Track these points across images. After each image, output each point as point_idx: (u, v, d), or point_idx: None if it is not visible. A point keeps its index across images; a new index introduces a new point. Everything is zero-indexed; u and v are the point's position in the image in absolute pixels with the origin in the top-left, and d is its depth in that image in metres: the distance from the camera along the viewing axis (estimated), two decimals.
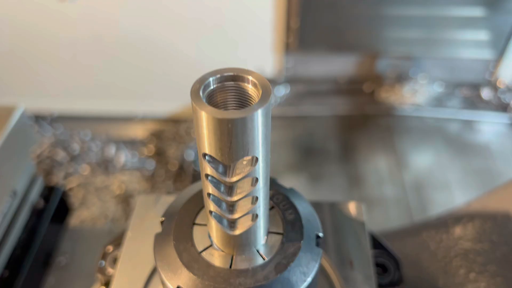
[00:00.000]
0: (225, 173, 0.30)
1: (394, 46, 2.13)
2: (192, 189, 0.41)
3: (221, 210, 0.33)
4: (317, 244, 0.38)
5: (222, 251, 0.37)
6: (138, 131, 2.32)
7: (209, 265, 0.36)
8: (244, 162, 0.30)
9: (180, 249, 0.37)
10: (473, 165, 1.95)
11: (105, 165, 2.19)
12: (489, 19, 2.02)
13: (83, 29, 2.10)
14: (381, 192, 1.87)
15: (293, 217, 0.39)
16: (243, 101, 0.29)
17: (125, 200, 2.00)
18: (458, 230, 0.76)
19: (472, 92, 2.24)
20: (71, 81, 2.28)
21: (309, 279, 0.36)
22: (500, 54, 2.13)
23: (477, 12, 2.00)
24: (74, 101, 2.36)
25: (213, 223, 0.35)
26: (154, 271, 0.50)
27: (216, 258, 0.36)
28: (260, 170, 0.31)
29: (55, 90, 2.30)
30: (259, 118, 0.27)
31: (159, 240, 0.38)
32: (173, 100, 2.25)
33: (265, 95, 0.28)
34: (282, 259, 0.36)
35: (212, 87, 0.29)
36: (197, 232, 0.38)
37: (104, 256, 0.58)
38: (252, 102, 0.28)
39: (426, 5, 1.99)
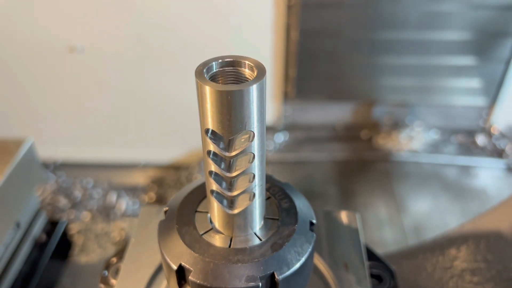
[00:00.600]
0: (225, 148, 0.34)
1: (389, 94, 2.21)
2: (193, 184, 0.45)
3: (221, 188, 0.36)
4: (311, 230, 0.41)
5: (222, 233, 0.39)
6: (140, 178, 2.35)
7: (209, 245, 0.38)
8: (242, 140, 0.34)
9: (182, 232, 0.39)
10: (471, 209, 1.97)
11: (106, 212, 2.20)
12: (480, 67, 2.11)
13: (89, 78, 2.19)
14: (380, 236, 1.87)
15: (288, 205, 0.42)
16: (240, 82, 0.33)
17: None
18: (453, 251, 0.77)
19: (467, 138, 2.30)
20: (75, 129, 2.34)
21: (303, 259, 0.38)
22: (493, 101, 2.20)
23: (468, 61, 2.09)
24: (78, 148, 2.41)
25: (214, 204, 0.38)
26: (156, 273, 0.52)
27: (216, 240, 0.39)
28: (256, 146, 0.34)
29: (59, 138, 2.36)
30: (254, 92, 0.31)
31: (163, 226, 0.41)
32: (174, 147, 2.30)
33: (260, 75, 0.32)
34: (278, 240, 0.39)
35: (214, 70, 0.33)
36: (198, 218, 0.41)
37: (107, 267, 0.60)
38: None
39: (419, 54, 2.09)
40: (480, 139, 2.28)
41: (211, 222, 0.41)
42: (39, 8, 2.01)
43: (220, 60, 0.33)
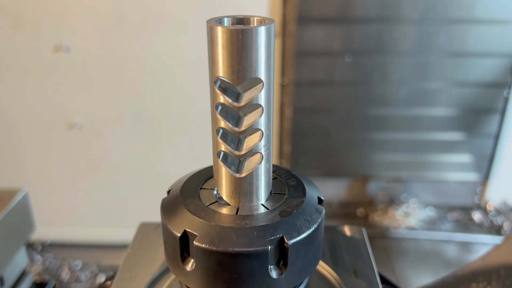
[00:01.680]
0: (234, 99, 0.34)
1: (383, 170, 2.23)
2: (197, 169, 0.44)
3: (229, 147, 0.36)
4: (319, 203, 0.39)
5: (228, 204, 0.38)
6: None
7: (215, 212, 0.37)
8: (251, 90, 0.34)
9: (186, 203, 0.38)
10: None
11: None
12: (469, 143, 2.16)
13: (84, 157, 2.20)
14: None
15: (295, 183, 0.41)
16: None
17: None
18: None
19: (464, 215, 2.28)
20: (66, 208, 2.30)
21: (313, 227, 0.36)
22: (485, 177, 2.22)
23: (457, 136, 2.15)
24: (68, 228, 2.35)
25: (221, 169, 0.37)
26: (153, 282, 0.49)
27: (222, 209, 0.37)
28: (264, 99, 0.34)
29: (49, 217, 2.31)
30: (262, 34, 0.32)
31: (166, 201, 0.40)
32: None
33: (269, 22, 0.33)
34: (286, 208, 0.37)
35: (225, 24, 0.35)
36: (203, 193, 0.40)
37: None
38: None
39: (410, 130, 2.15)
40: (477, 216, 2.27)
41: (216, 195, 0.39)
42: (40, 85, 2.08)
43: (231, 17, 0.35)
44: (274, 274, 0.35)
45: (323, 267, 0.51)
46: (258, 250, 0.34)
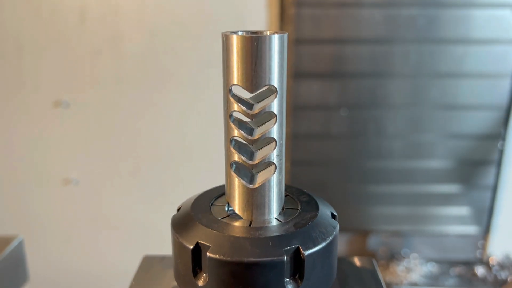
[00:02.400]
0: (248, 107, 0.34)
1: (383, 224, 2.20)
2: (206, 190, 0.43)
3: (242, 157, 0.35)
4: (333, 218, 0.39)
5: (241, 218, 0.37)
6: None
7: (228, 225, 0.36)
8: (265, 98, 0.35)
9: (198, 217, 0.37)
10: None
11: None
12: (467, 195, 2.16)
13: (80, 213, 2.17)
14: None
15: (307, 199, 0.40)
16: None
17: None
18: None
19: (467, 270, 2.23)
20: (57, 264, 2.24)
21: (329, 239, 0.36)
22: (486, 230, 2.20)
23: (454, 189, 2.15)
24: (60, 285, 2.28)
25: (234, 180, 0.37)
26: None
27: (235, 222, 0.37)
28: (277, 107, 0.35)
29: (41, 274, 2.24)
30: (276, 42, 0.33)
31: (176, 217, 0.39)
32: None
33: (282, 33, 0.34)
34: (301, 221, 0.37)
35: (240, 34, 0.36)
36: (215, 209, 0.39)
37: None
38: None
39: (408, 182, 2.14)
40: (480, 271, 2.22)
41: (228, 211, 0.39)
42: (36, 141, 2.09)
43: (245, 31, 0.36)
44: (290, 287, 0.34)
45: None
46: (274, 260, 0.33)
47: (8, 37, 2.02)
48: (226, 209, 0.39)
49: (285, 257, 0.33)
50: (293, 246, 0.34)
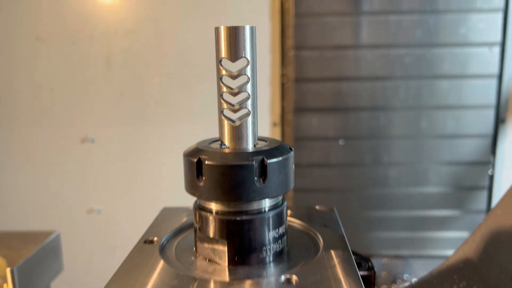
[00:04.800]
0: (231, 72, 0.55)
1: (383, 249, 2.33)
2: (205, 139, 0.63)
3: (228, 105, 0.55)
4: (290, 149, 0.58)
5: (228, 147, 0.57)
6: None
7: (220, 150, 0.55)
8: (242, 65, 0.55)
9: (201, 147, 0.57)
10: None
11: None
12: (463, 219, 2.29)
13: (98, 241, 2.35)
14: None
15: (276, 141, 0.60)
16: None
17: None
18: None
19: None
20: None
21: (285, 156, 0.55)
22: None
23: (451, 213, 2.29)
24: None
25: (224, 122, 0.56)
26: (176, 231, 0.65)
27: (225, 149, 0.56)
28: (250, 71, 0.55)
29: None
30: (248, 30, 0.54)
31: (186, 151, 0.58)
32: None
33: (252, 26, 0.55)
34: (267, 148, 0.56)
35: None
36: (212, 145, 0.59)
37: None
38: None
39: (406, 208, 2.29)
40: None
41: (221, 146, 0.58)
42: (66, 172, 2.31)
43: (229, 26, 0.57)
44: (257, 183, 0.52)
45: (300, 224, 0.67)
46: (247, 164, 0.52)
47: (42, 81, 2.28)
48: (219, 146, 0.58)
49: (254, 163, 0.52)
50: (260, 157, 0.53)
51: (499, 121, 2.19)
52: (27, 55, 2.24)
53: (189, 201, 0.59)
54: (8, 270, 0.97)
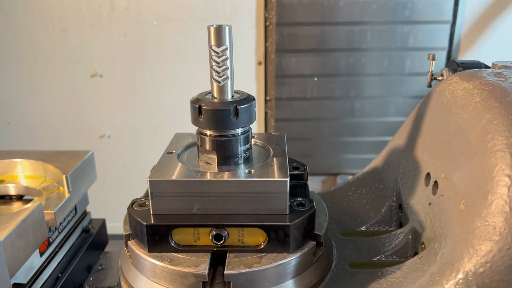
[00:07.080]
0: (217, 54, 0.93)
1: (350, 167, 2.79)
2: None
3: (216, 73, 0.94)
4: (253, 99, 0.97)
5: (216, 98, 0.96)
6: None
7: (212, 99, 0.95)
8: (224, 50, 0.93)
9: (200, 97, 0.96)
10: None
11: None
12: None
13: (111, 161, 2.77)
14: None
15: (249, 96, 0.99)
16: None
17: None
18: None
19: None
20: None
21: (250, 103, 0.94)
22: None
23: None
24: None
25: (214, 83, 0.95)
26: (186, 147, 1.06)
27: (214, 100, 0.95)
28: (229, 53, 0.93)
29: None
30: (227, 29, 0.91)
31: (190, 99, 0.98)
32: None
33: (230, 26, 0.93)
34: (240, 99, 0.95)
35: (214, 26, 0.94)
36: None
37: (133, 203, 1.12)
38: None
39: (371, 134, 2.72)
40: None
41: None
42: (77, 103, 2.68)
43: (217, 24, 0.95)
44: (233, 119, 0.92)
45: (261, 143, 1.09)
46: (227, 108, 0.91)
47: (54, 22, 2.59)
48: (211, 97, 0.97)
49: (231, 108, 0.92)
50: (234, 104, 0.92)
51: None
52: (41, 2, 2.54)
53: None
54: (64, 176, 1.37)
